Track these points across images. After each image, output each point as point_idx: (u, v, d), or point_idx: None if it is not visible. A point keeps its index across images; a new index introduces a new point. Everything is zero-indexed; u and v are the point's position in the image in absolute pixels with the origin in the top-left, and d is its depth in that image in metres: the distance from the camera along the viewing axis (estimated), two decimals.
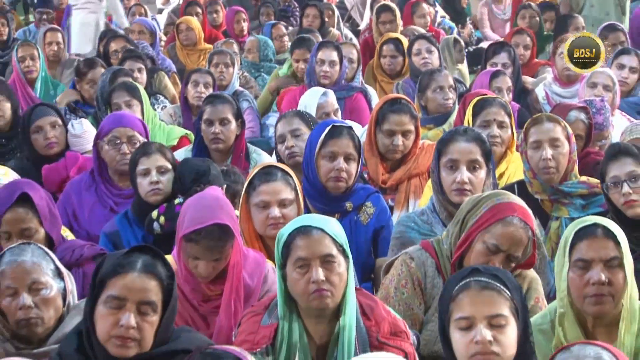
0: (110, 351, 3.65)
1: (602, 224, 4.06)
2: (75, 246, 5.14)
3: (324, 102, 7.23)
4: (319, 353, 4.07)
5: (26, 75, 9.14)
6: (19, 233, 4.87)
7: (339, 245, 4.02)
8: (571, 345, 3.05)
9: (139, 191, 5.69)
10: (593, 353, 2.91)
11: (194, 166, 5.72)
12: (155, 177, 5.64)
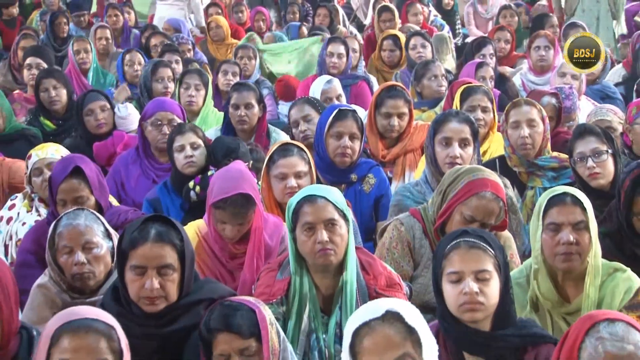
0: (142, 308, 3.67)
1: (570, 192, 4.07)
2: (121, 211, 5.17)
3: (328, 88, 7.25)
4: (325, 303, 4.08)
5: (80, 66, 9.12)
6: (72, 200, 4.84)
7: (340, 211, 4.01)
8: (595, 321, 2.93)
9: (176, 164, 5.68)
10: (621, 331, 2.85)
11: (226, 143, 5.75)
12: (189, 152, 5.64)
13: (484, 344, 3.53)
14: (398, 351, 2.75)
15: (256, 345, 3.26)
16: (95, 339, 2.92)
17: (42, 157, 5.45)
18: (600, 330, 2.85)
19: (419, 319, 2.83)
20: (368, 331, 2.79)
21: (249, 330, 3.25)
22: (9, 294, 3.35)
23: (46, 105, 7.51)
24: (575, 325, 2.97)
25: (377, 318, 2.79)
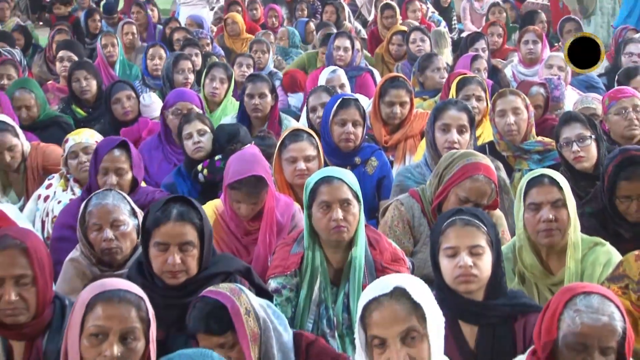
0: (165, 281, 3.69)
1: (547, 174, 4.10)
2: (148, 191, 5.19)
3: (332, 77, 7.27)
4: (335, 275, 4.09)
5: (108, 58, 9.14)
6: (114, 170, 4.93)
7: (353, 192, 4.02)
8: (572, 294, 2.93)
9: (186, 151, 5.72)
10: (596, 303, 2.85)
11: (227, 129, 5.79)
12: (197, 138, 5.68)
13: (477, 313, 3.54)
14: (404, 325, 2.74)
15: (233, 337, 3.22)
16: (126, 308, 2.93)
17: (78, 142, 5.45)
18: (577, 303, 2.85)
19: (426, 295, 2.83)
20: (377, 306, 2.78)
21: (223, 328, 3.20)
22: (43, 267, 3.35)
23: (77, 95, 7.53)
24: (555, 297, 2.97)
25: (386, 294, 2.79)
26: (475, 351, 3.51)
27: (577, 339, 2.83)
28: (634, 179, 4.32)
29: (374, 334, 2.78)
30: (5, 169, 5.86)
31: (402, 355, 2.73)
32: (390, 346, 2.75)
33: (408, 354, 2.74)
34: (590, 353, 2.84)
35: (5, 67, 7.90)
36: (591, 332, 2.82)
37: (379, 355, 2.78)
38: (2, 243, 3.32)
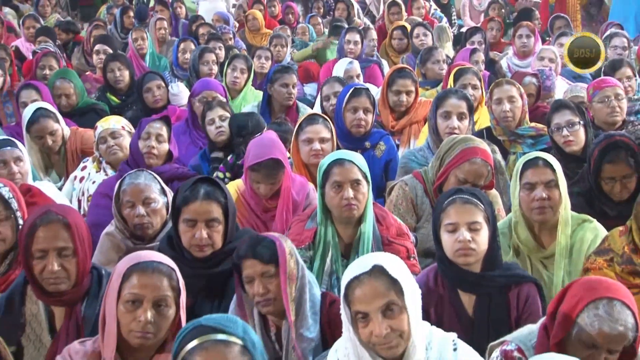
0: (193, 254, 3.71)
1: (542, 157, 4.10)
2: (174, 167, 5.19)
3: (350, 68, 7.25)
4: (346, 249, 4.09)
5: (138, 51, 9.14)
6: (156, 137, 5.06)
7: (363, 173, 4.02)
8: (597, 296, 2.82)
9: (209, 135, 5.73)
10: (616, 313, 2.78)
11: (237, 121, 5.72)
12: (218, 123, 5.68)
13: (475, 283, 3.54)
14: (383, 300, 2.74)
15: (275, 270, 3.28)
16: (159, 278, 2.94)
17: (106, 128, 5.46)
18: (600, 308, 2.77)
19: (403, 271, 2.82)
20: (358, 283, 2.78)
21: (269, 258, 3.27)
22: (83, 240, 3.37)
23: (112, 84, 7.55)
24: (578, 289, 2.88)
25: (366, 272, 2.79)
26: (473, 318, 3.52)
27: (591, 340, 2.79)
28: (617, 162, 4.32)
29: (357, 309, 2.78)
30: (47, 151, 5.87)
31: (384, 326, 2.73)
32: (373, 319, 2.75)
33: (389, 326, 2.74)
34: (599, 352, 2.81)
35: (47, 58, 7.91)
36: (605, 337, 2.78)
37: (363, 328, 2.78)
38: (46, 218, 3.34)
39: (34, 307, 3.40)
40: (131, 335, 2.89)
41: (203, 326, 2.46)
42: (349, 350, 2.84)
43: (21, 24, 10.69)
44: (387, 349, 2.77)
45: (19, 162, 4.81)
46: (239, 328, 2.46)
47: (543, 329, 2.98)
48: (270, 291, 3.27)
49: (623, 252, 3.62)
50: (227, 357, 2.39)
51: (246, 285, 3.32)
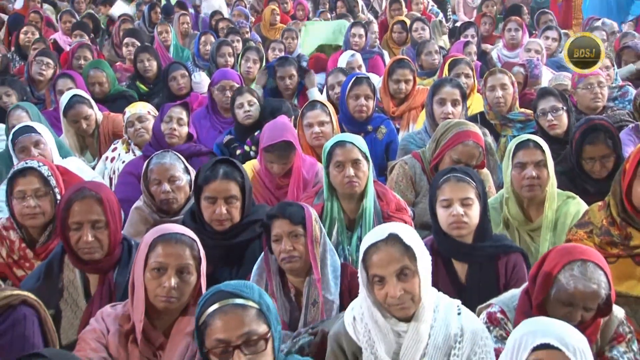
0: (213, 227, 3.72)
1: (533, 139, 4.10)
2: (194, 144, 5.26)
3: (352, 60, 7.28)
4: (350, 222, 4.09)
5: (163, 43, 9.15)
6: (177, 120, 5.11)
7: (363, 153, 4.02)
8: (572, 258, 2.86)
9: (237, 118, 5.70)
10: (590, 272, 2.82)
11: (271, 104, 5.77)
12: (247, 108, 5.65)
13: (467, 253, 3.54)
14: (398, 264, 2.74)
15: (302, 232, 3.32)
16: (182, 247, 2.94)
17: (133, 113, 5.50)
18: (574, 268, 2.82)
19: (415, 239, 2.82)
20: (375, 250, 2.78)
21: (297, 219, 3.32)
22: (114, 214, 3.37)
23: (141, 73, 7.56)
24: (555, 254, 2.93)
25: (382, 240, 2.78)
26: (465, 284, 3.52)
27: (567, 297, 2.82)
28: (596, 143, 4.33)
29: (374, 272, 2.78)
30: (82, 134, 5.87)
31: (398, 289, 2.73)
32: (388, 282, 2.75)
33: (403, 288, 2.74)
34: (575, 309, 2.84)
35: (82, 50, 7.91)
36: (580, 295, 2.81)
37: (379, 290, 2.78)
38: (81, 194, 3.34)
39: (70, 274, 3.41)
40: (157, 299, 2.90)
41: (223, 291, 2.45)
42: (364, 309, 2.85)
43: (59, 19, 10.67)
44: (399, 309, 2.77)
45: (39, 146, 4.76)
46: (255, 293, 2.46)
47: (525, 293, 3.01)
48: (296, 249, 3.31)
49: (602, 225, 3.62)
50: (244, 319, 2.39)
51: (273, 244, 3.35)
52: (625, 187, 3.54)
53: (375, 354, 2.81)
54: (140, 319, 2.88)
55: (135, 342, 2.90)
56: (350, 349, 2.89)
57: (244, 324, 2.38)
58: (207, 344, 2.41)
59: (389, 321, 2.80)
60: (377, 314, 2.80)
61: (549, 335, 2.37)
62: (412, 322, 2.78)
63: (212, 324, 2.40)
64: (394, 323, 2.80)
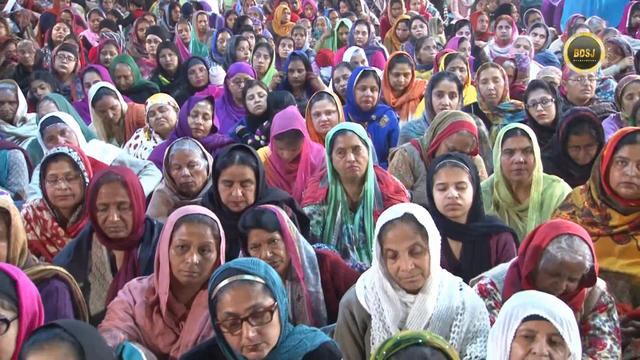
0: (230, 208, 3.71)
1: (520, 127, 4.10)
2: (219, 136, 5.23)
3: (356, 55, 7.26)
4: (352, 204, 4.09)
5: (183, 40, 9.17)
6: (202, 115, 5.08)
7: (363, 140, 4.01)
8: (559, 232, 2.86)
9: (249, 108, 5.72)
10: (576, 245, 2.82)
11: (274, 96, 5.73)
12: (257, 99, 5.69)
13: (461, 233, 3.53)
14: (411, 241, 2.74)
15: (279, 237, 3.21)
16: (204, 227, 2.94)
17: (154, 103, 5.52)
18: (562, 242, 2.82)
19: (428, 219, 2.82)
20: (391, 227, 2.78)
21: (273, 226, 3.20)
22: (138, 196, 3.37)
23: (163, 67, 7.56)
24: (543, 229, 2.93)
25: (398, 217, 2.78)
26: (460, 261, 3.51)
27: (555, 268, 2.82)
28: (581, 133, 4.33)
29: (389, 247, 2.78)
30: (109, 123, 5.88)
31: (410, 263, 2.74)
32: (401, 257, 2.75)
33: (414, 263, 2.74)
34: (561, 279, 2.83)
35: (108, 45, 7.92)
36: (567, 266, 2.81)
37: (392, 264, 2.78)
38: (107, 178, 3.34)
39: (98, 250, 3.41)
40: (180, 274, 2.90)
41: (231, 268, 2.45)
42: (375, 280, 2.86)
43: (87, 17, 10.69)
44: (409, 282, 2.77)
45: (65, 134, 4.72)
46: (262, 269, 2.46)
47: (513, 266, 3.01)
48: (277, 255, 3.20)
49: (583, 207, 3.62)
50: (251, 294, 2.39)
51: (252, 251, 3.21)
52: (603, 172, 3.53)
53: (384, 321, 2.82)
54: (165, 291, 2.89)
55: (159, 313, 2.92)
56: (360, 316, 2.89)
57: (251, 297, 2.38)
58: (218, 316, 2.41)
59: (397, 292, 2.81)
60: (388, 285, 2.81)
61: (538, 307, 2.38)
62: (419, 294, 2.79)
63: (222, 299, 2.40)
64: (402, 294, 2.81)
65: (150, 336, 2.90)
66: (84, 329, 2.09)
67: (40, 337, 2.01)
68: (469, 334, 2.80)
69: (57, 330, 2.02)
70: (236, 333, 2.38)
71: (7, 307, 2.27)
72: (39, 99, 6.18)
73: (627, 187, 3.45)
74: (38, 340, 2.00)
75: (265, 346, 2.38)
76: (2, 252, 2.87)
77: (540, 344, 2.34)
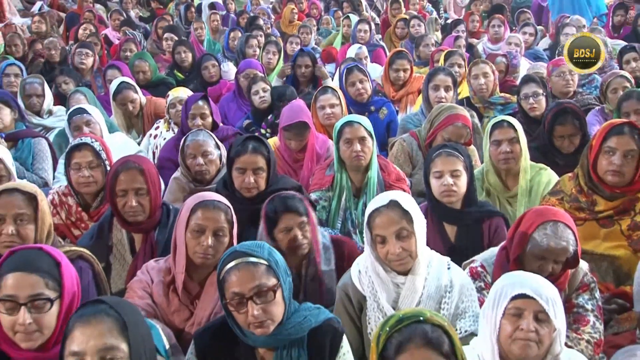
0: (242, 194, 3.70)
1: (506, 119, 4.09)
2: (224, 129, 5.18)
3: (359, 52, 7.25)
4: (357, 190, 4.07)
5: (198, 38, 9.16)
6: (200, 115, 4.93)
7: (368, 132, 4.00)
8: (545, 219, 2.85)
9: (254, 103, 5.73)
10: (560, 231, 2.80)
11: (278, 90, 5.74)
12: (262, 94, 5.69)
13: (456, 217, 3.52)
14: (397, 226, 2.73)
15: (307, 220, 3.18)
16: (218, 213, 2.93)
17: (175, 96, 5.50)
18: (547, 228, 2.81)
19: (413, 204, 2.80)
20: (378, 214, 2.77)
21: (303, 210, 3.18)
22: (155, 182, 3.37)
23: (179, 63, 7.53)
24: (530, 215, 2.91)
25: (384, 205, 2.77)
26: (454, 243, 3.50)
27: (541, 252, 2.81)
28: (566, 124, 4.32)
29: (377, 233, 2.77)
30: (129, 115, 5.89)
31: (397, 247, 2.73)
32: (389, 241, 2.75)
33: (401, 246, 2.73)
34: (547, 262, 2.83)
35: (128, 43, 7.94)
36: (552, 251, 2.80)
37: (381, 248, 2.78)
38: (126, 166, 3.35)
39: (118, 233, 3.41)
40: (195, 255, 2.90)
41: (237, 251, 2.44)
42: (367, 264, 2.85)
43: (109, 17, 10.68)
44: (398, 264, 2.77)
45: (90, 125, 4.72)
46: (265, 252, 2.44)
47: (502, 250, 3.00)
48: (305, 237, 3.17)
49: (571, 193, 3.61)
50: (255, 274, 2.38)
51: (280, 235, 3.15)
52: (591, 161, 3.52)
53: (378, 302, 2.81)
54: (182, 271, 2.89)
55: (175, 292, 2.92)
56: (356, 297, 2.89)
57: (255, 278, 2.37)
58: (226, 296, 2.41)
59: (389, 274, 2.80)
60: (379, 268, 2.80)
61: (525, 287, 2.37)
62: (409, 275, 2.79)
63: (229, 279, 2.39)
64: (393, 276, 2.80)
65: (167, 313, 2.90)
66: (127, 306, 2.10)
67: (87, 312, 2.02)
68: (457, 310, 2.80)
69: (102, 306, 2.02)
70: (242, 311, 2.38)
71: (51, 287, 2.27)
72: (65, 93, 6.20)
73: (613, 175, 3.44)
74: (85, 315, 2.01)
75: (270, 323, 2.38)
76: (30, 234, 2.89)
77: (528, 321, 2.34)
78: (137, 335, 2.00)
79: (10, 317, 2.23)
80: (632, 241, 3.43)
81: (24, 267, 2.25)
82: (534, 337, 2.33)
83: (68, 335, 1.99)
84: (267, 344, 2.44)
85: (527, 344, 2.34)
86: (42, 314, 2.24)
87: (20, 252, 2.32)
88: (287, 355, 2.44)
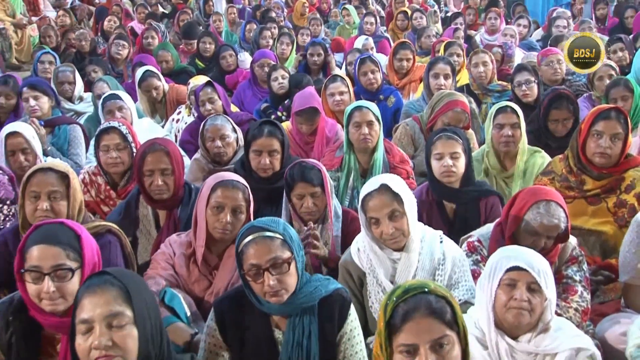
0: (259, 174, 3.69)
1: (509, 105, 4.04)
2: (239, 114, 5.17)
3: (366, 42, 7.25)
4: (363, 171, 4.06)
5: (217, 29, 9.13)
6: (209, 100, 4.89)
7: (376, 117, 3.99)
8: (537, 198, 2.83)
9: (272, 89, 5.69)
10: (552, 209, 2.79)
11: (296, 78, 5.70)
12: (281, 80, 5.65)
13: (455, 196, 3.50)
14: (389, 208, 2.71)
15: (320, 191, 3.23)
16: (236, 191, 2.92)
17: (195, 84, 5.48)
18: (540, 207, 2.79)
19: (403, 187, 2.77)
20: (370, 198, 2.75)
21: (317, 181, 3.22)
22: (178, 163, 3.37)
23: (202, 52, 7.52)
24: (524, 194, 2.89)
25: (375, 189, 2.75)
26: (453, 220, 3.50)
27: (534, 229, 2.80)
28: (560, 107, 4.29)
29: (371, 215, 2.75)
30: (152, 101, 5.90)
31: (390, 227, 2.71)
32: (382, 222, 2.73)
33: (394, 227, 2.72)
34: (540, 238, 2.81)
35: (149, 31, 7.96)
36: (545, 228, 2.78)
37: (375, 229, 2.76)
38: (152, 148, 3.35)
39: (144, 210, 3.42)
40: (215, 231, 2.90)
41: (255, 226, 2.43)
42: (365, 243, 2.84)
43: (135, 10, 10.66)
44: (393, 243, 2.76)
45: (122, 110, 4.72)
46: (280, 226, 2.43)
47: (498, 226, 2.98)
48: (316, 206, 3.24)
49: (561, 173, 3.59)
50: (271, 248, 2.37)
51: (294, 199, 3.26)
52: (580, 143, 3.50)
53: (377, 277, 2.81)
54: (202, 245, 2.89)
55: (195, 263, 2.92)
56: (356, 273, 2.88)
57: (271, 251, 2.36)
58: (244, 267, 2.40)
59: (385, 252, 2.79)
60: (376, 247, 2.79)
61: (519, 260, 2.36)
62: (403, 252, 2.77)
63: (247, 252, 2.39)
64: (389, 253, 2.79)
65: (188, 283, 2.91)
66: (130, 275, 2.11)
67: (93, 282, 2.03)
68: (451, 281, 2.80)
69: (107, 277, 2.03)
70: (259, 281, 2.38)
71: (72, 258, 2.28)
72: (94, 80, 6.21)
73: (600, 156, 3.43)
74: (91, 285, 2.02)
75: (284, 292, 2.38)
76: (63, 210, 2.90)
77: (521, 291, 2.34)
78: (141, 302, 2.01)
79: (36, 286, 2.25)
80: (618, 217, 3.43)
81: (47, 240, 2.27)
82: (527, 306, 2.33)
83: (77, 304, 2.00)
84: (281, 311, 2.44)
85: (520, 312, 2.34)
86: (64, 282, 2.26)
87: (43, 226, 2.33)
88: (299, 322, 2.44)
